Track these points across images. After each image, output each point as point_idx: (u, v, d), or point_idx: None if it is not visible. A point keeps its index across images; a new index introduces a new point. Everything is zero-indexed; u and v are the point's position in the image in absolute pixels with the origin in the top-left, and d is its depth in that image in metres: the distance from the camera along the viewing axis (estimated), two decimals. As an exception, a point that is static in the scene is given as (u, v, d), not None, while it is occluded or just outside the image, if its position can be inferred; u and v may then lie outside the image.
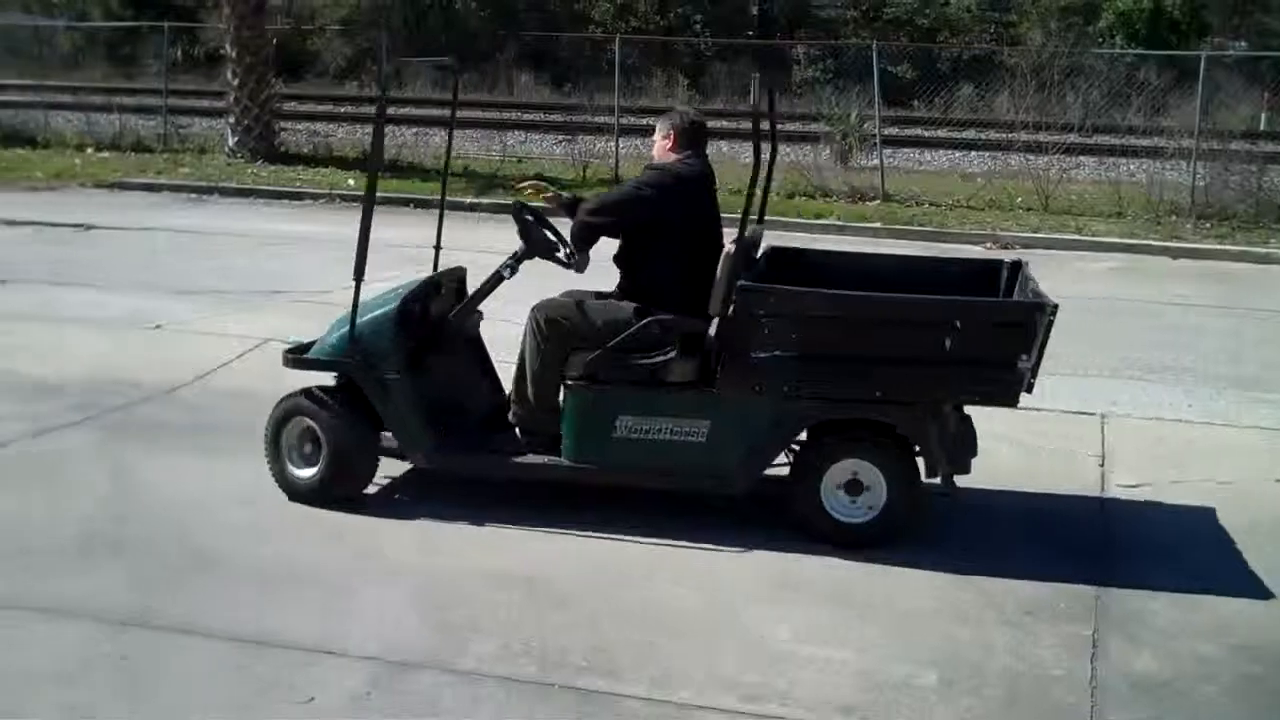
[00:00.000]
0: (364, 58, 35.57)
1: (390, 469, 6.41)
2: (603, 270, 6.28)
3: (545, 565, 5.51)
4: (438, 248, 7.20)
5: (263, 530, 5.85)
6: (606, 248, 6.21)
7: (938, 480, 5.80)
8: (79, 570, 5.31)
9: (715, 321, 5.74)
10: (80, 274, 11.57)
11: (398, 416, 6.06)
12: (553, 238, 6.37)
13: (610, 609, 5.12)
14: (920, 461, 5.79)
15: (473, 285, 6.55)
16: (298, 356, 6.35)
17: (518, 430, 6.17)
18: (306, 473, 6.16)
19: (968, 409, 6.05)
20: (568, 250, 6.25)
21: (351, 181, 18.86)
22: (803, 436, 5.98)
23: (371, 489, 6.33)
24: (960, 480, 5.88)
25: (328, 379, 6.29)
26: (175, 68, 27.42)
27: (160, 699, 4.34)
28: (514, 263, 6.22)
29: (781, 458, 6.01)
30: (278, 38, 26.07)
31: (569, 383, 5.97)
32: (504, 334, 6.98)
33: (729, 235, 6.03)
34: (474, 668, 4.58)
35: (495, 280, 6.25)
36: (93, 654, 4.63)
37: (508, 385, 6.38)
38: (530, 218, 6.36)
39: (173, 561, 5.44)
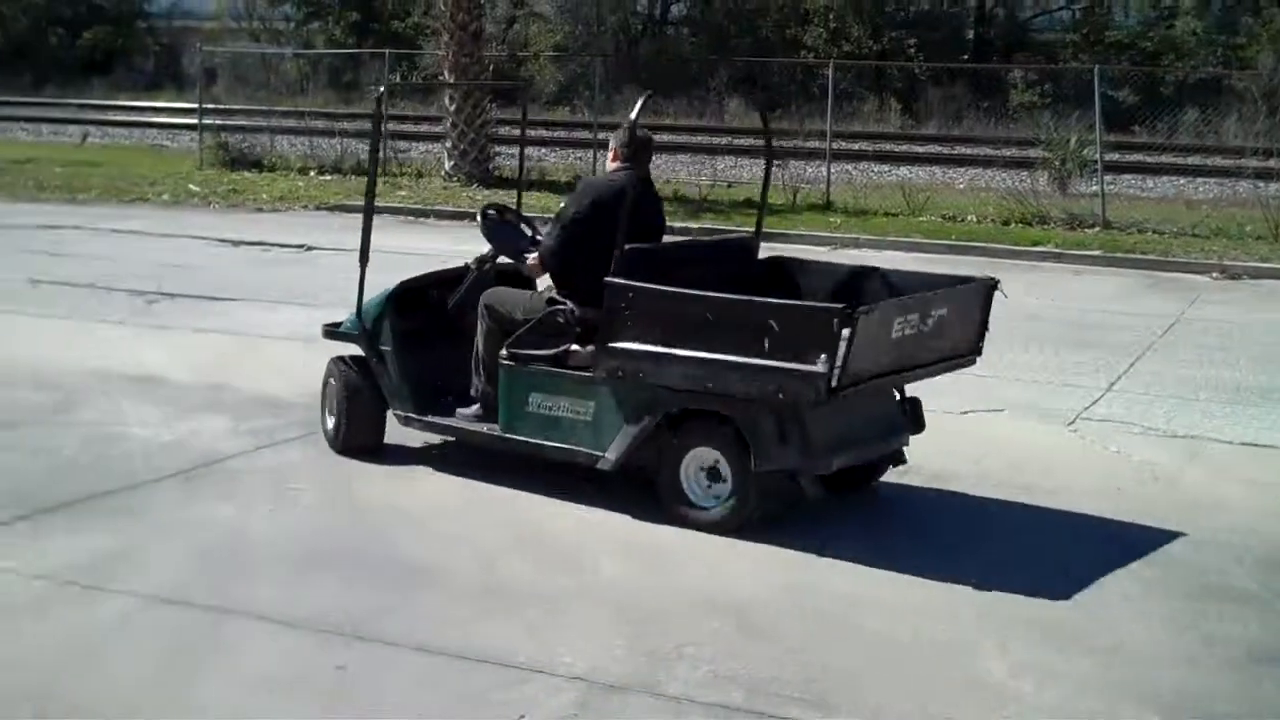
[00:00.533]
0: (577, 83, 36.13)
1: (607, 494, 6.46)
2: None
3: (753, 592, 5.47)
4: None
5: (475, 545, 5.94)
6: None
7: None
8: (299, 582, 5.47)
9: None
10: (298, 293, 11.95)
11: (389, 381, 7.06)
12: (518, 238, 7.26)
13: (817, 638, 5.05)
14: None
15: None
16: (331, 329, 7.56)
17: (479, 403, 6.91)
18: (330, 422, 7.31)
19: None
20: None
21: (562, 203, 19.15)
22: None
23: (578, 506, 6.39)
24: (1180, 516, 5.70)
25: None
26: (395, 94, 28.23)
27: (374, 712, 4.41)
28: (478, 263, 7.16)
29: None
30: (493, 64, 26.67)
31: (501, 362, 6.65)
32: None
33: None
34: (681, 693, 4.56)
35: (467, 276, 7.20)
36: (310, 664, 4.74)
37: None
38: (493, 220, 7.31)
39: (389, 574, 5.56)
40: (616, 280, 6.20)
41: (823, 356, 5.64)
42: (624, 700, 4.50)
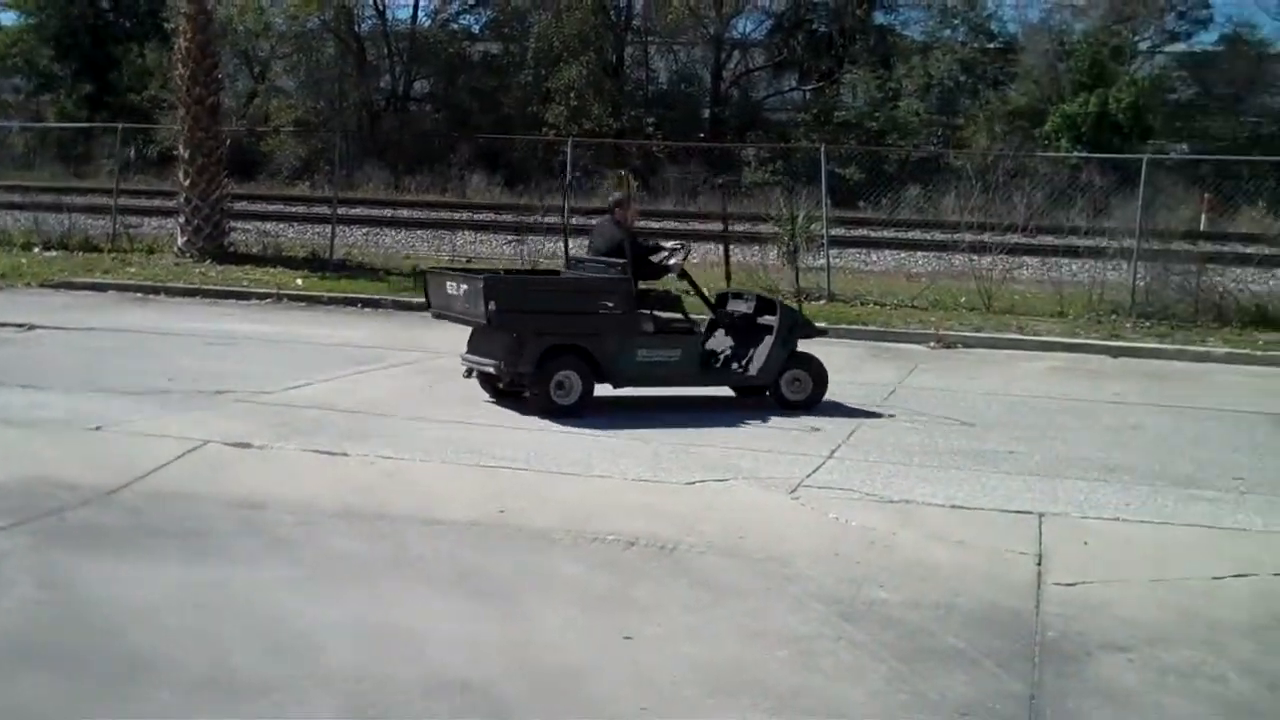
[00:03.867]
0: (317, 158, 35.79)
1: (348, 580, 6.33)
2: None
3: (501, 670, 5.44)
4: None
5: (205, 636, 5.75)
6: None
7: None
8: (4, 679, 5.21)
9: None
10: (19, 374, 11.47)
11: None
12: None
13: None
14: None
15: None
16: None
17: None
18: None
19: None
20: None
21: (300, 281, 18.89)
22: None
23: (318, 594, 6.27)
24: (895, 580, 5.89)
25: None
26: (128, 168, 27.51)
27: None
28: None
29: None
30: (231, 138, 26.23)
31: None
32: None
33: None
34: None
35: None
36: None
37: None
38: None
39: (105, 670, 5.33)
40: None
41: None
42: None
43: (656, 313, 11.12)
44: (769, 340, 11.35)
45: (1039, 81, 38.57)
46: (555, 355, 10.68)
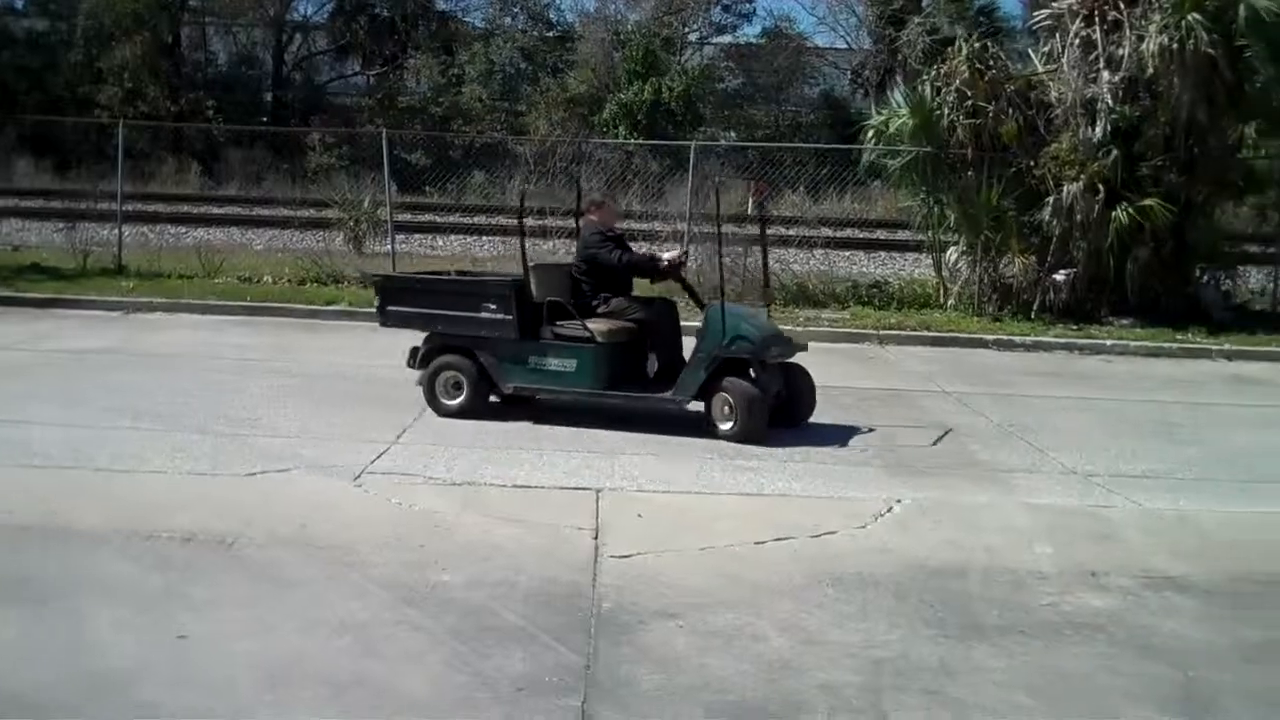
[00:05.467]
0: None
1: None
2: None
3: None
4: None
5: None
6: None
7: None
8: None
9: None
10: None
11: None
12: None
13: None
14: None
15: None
16: None
17: None
18: None
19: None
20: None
21: None
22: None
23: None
24: (457, 561, 5.93)
25: None
26: None
27: None
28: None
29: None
30: None
31: None
32: None
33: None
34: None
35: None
36: None
37: None
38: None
39: None
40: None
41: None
42: None
43: (560, 322, 10.35)
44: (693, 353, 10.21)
45: (596, 70, 39.62)
46: (443, 356, 10.59)
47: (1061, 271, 17.82)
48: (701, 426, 10.09)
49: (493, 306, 10.40)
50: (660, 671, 5.48)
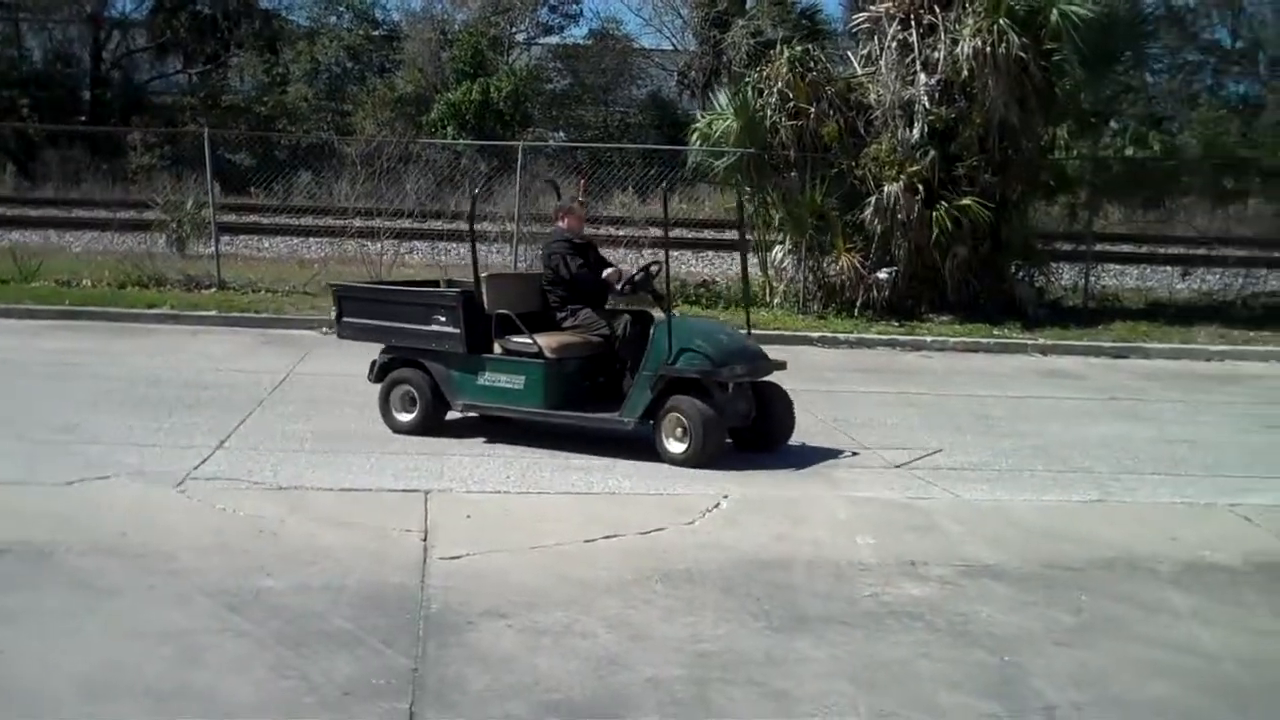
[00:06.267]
0: None
1: None
2: None
3: None
4: None
5: None
6: None
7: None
8: None
9: None
10: None
11: None
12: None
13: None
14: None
15: None
16: None
17: None
18: None
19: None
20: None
21: None
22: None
23: None
24: (283, 566, 5.86)
25: None
26: None
27: None
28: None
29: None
30: None
31: None
32: None
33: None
34: None
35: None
36: None
37: None
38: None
39: None
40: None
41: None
42: None
43: (510, 337, 9.86)
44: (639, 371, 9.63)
45: (424, 69, 39.33)
46: (398, 370, 10.26)
47: (884, 270, 18.26)
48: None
49: (441, 319, 9.96)
50: (489, 671, 5.50)
